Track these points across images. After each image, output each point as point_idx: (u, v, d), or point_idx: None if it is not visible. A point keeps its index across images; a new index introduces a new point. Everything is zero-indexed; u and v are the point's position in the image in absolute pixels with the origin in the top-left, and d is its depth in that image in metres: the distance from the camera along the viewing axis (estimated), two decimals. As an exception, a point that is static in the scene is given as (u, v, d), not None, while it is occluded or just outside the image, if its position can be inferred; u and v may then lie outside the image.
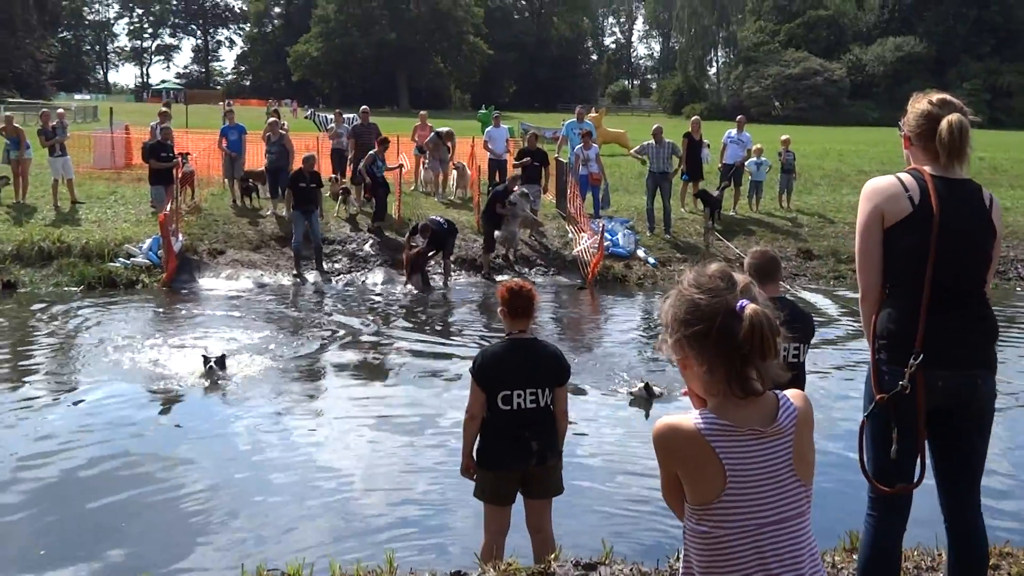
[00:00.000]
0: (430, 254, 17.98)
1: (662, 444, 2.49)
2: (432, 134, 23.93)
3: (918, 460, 4.02)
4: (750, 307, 2.38)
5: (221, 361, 11.19)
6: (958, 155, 3.90)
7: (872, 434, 4.06)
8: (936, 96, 4.02)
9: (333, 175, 22.50)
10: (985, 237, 3.92)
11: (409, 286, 17.59)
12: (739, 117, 24.50)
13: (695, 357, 2.45)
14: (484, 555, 5.79)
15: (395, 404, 10.83)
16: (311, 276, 18.30)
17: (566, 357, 6.01)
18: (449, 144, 23.81)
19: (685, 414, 2.48)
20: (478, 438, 5.91)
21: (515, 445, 5.82)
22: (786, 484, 2.46)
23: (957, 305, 3.90)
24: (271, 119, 22.81)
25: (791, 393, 2.54)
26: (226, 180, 22.40)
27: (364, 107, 23.89)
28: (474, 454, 5.93)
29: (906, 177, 3.91)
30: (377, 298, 17.08)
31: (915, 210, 3.83)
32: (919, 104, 4.02)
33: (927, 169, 3.92)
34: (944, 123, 3.86)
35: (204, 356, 11.28)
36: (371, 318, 15.28)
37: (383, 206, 20.44)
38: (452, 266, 18.60)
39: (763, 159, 23.19)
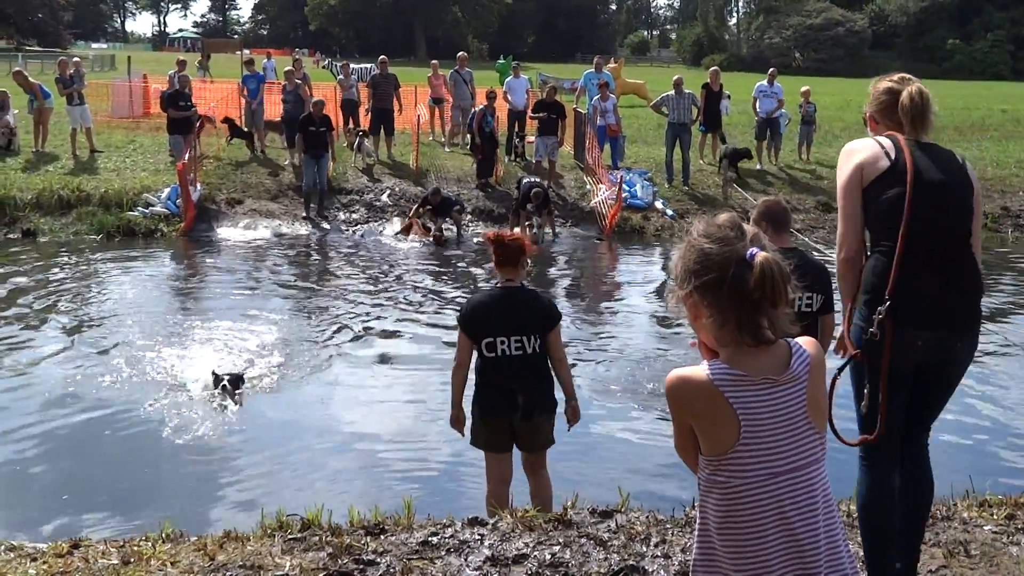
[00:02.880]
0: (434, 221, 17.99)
1: (675, 396, 2.51)
2: (451, 72, 23.68)
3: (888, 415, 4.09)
4: (761, 254, 2.39)
5: (236, 380, 9.29)
6: (922, 121, 4.07)
7: (853, 386, 4.18)
8: (896, 75, 4.27)
9: (349, 126, 22.44)
10: (962, 189, 4.02)
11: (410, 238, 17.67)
12: (771, 70, 24.02)
13: (706, 307, 2.46)
14: (489, 503, 5.89)
15: (411, 361, 10.80)
16: (327, 224, 18.34)
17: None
18: (468, 74, 23.57)
19: (697, 365, 2.49)
20: (475, 388, 6.01)
21: (501, 396, 5.91)
22: (801, 431, 2.47)
23: (938, 260, 3.95)
24: (287, 69, 22.77)
25: (802, 340, 2.55)
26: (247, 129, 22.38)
27: (382, 57, 23.64)
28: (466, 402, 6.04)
29: (882, 139, 4.07)
30: (394, 253, 17.02)
31: (892, 165, 3.95)
32: (880, 84, 4.28)
33: (899, 134, 4.06)
34: (905, 92, 4.09)
35: (215, 375, 9.37)
36: (389, 276, 15.09)
37: (491, 162, 20.40)
38: (469, 217, 18.64)
39: (782, 111, 22.98)
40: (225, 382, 9.14)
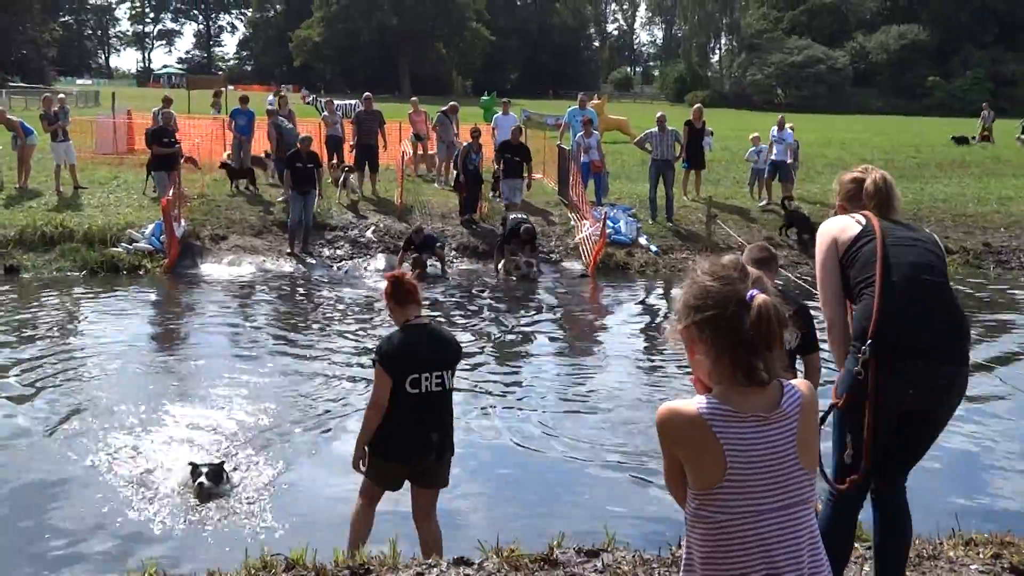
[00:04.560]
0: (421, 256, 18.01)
1: (664, 428, 2.53)
2: (438, 113, 23.88)
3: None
4: (760, 297, 2.43)
5: (216, 474, 7.85)
6: (888, 204, 4.37)
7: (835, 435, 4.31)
8: (860, 167, 4.65)
9: (334, 162, 22.46)
10: (932, 244, 4.29)
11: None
12: (780, 117, 23.60)
13: (703, 343, 2.50)
14: (357, 523, 6.05)
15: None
16: (312, 260, 18.30)
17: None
18: (455, 118, 23.82)
19: (689, 399, 2.52)
20: (381, 428, 5.95)
21: (417, 436, 5.91)
22: (789, 470, 2.49)
23: (918, 297, 4.09)
24: (268, 108, 22.87)
25: (795, 381, 2.58)
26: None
27: (367, 94, 23.77)
28: (375, 441, 6.00)
29: (853, 214, 4.38)
30: (379, 290, 16.82)
31: (863, 228, 4.24)
32: (846, 176, 4.65)
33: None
34: (869, 179, 4.44)
35: (193, 466, 7.93)
36: (374, 318, 14.61)
37: (475, 199, 20.39)
38: (454, 253, 18.67)
39: (763, 146, 23.08)
40: (203, 479, 7.73)
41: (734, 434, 2.45)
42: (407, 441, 5.92)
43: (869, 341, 3.99)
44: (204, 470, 7.78)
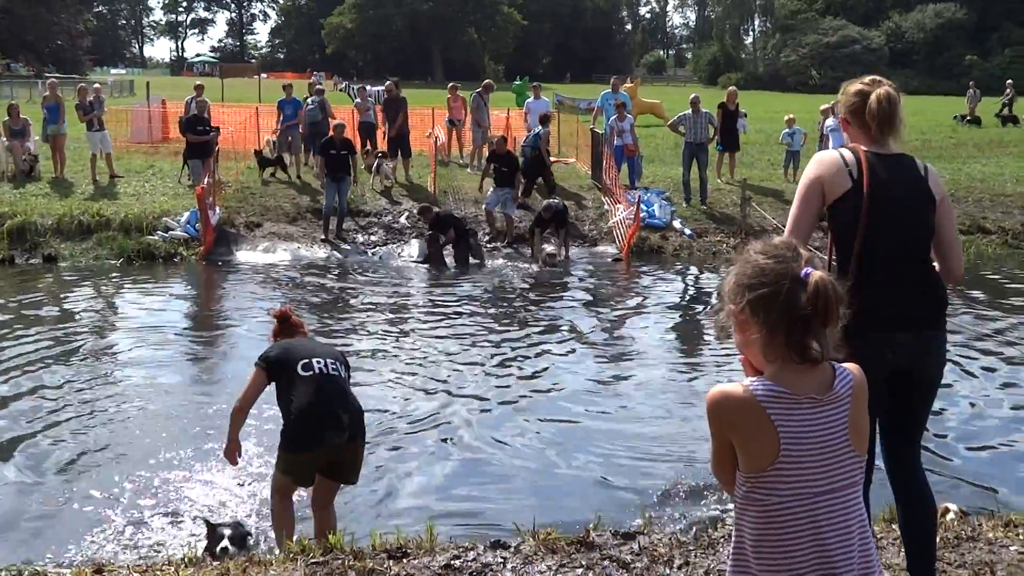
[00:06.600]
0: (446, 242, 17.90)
1: (716, 410, 2.53)
2: (474, 94, 23.96)
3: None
4: (816, 273, 2.44)
5: (238, 538, 6.36)
6: (889, 125, 4.13)
7: None
8: (868, 77, 4.29)
9: (367, 148, 22.50)
10: (923, 204, 4.10)
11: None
12: (826, 106, 23.21)
13: (756, 322, 2.49)
14: (276, 521, 6.10)
15: (432, 388, 10.78)
16: (346, 246, 18.33)
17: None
18: (487, 98, 23.94)
19: (740, 381, 2.51)
20: (286, 425, 5.96)
21: (326, 417, 5.88)
22: (841, 453, 2.50)
23: (894, 279, 4.03)
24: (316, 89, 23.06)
25: (848, 364, 2.58)
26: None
27: (388, 84, 23.88)
28: (285, 441, 6.00)
29: (846, 153, 4.11)
30: (414, 278, 16.98)
31: (853, 185, 4.02)
32: (852, 87, 4.28)
33: (861, 147, 4.12)
34: (873, 96, 4.12)
35: (208, 523, 6.56)
36: (412, 311, 14.66)
37: (530, 184, 20.36)
38: (487, 238, 18.68)
39: (796, 128, 22.93)
40: (226, 543, 6.29)
41: (787, 415, 2.45)
42: (314, 426, 5.86)
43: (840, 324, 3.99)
44: (226, 531, 6.39)
